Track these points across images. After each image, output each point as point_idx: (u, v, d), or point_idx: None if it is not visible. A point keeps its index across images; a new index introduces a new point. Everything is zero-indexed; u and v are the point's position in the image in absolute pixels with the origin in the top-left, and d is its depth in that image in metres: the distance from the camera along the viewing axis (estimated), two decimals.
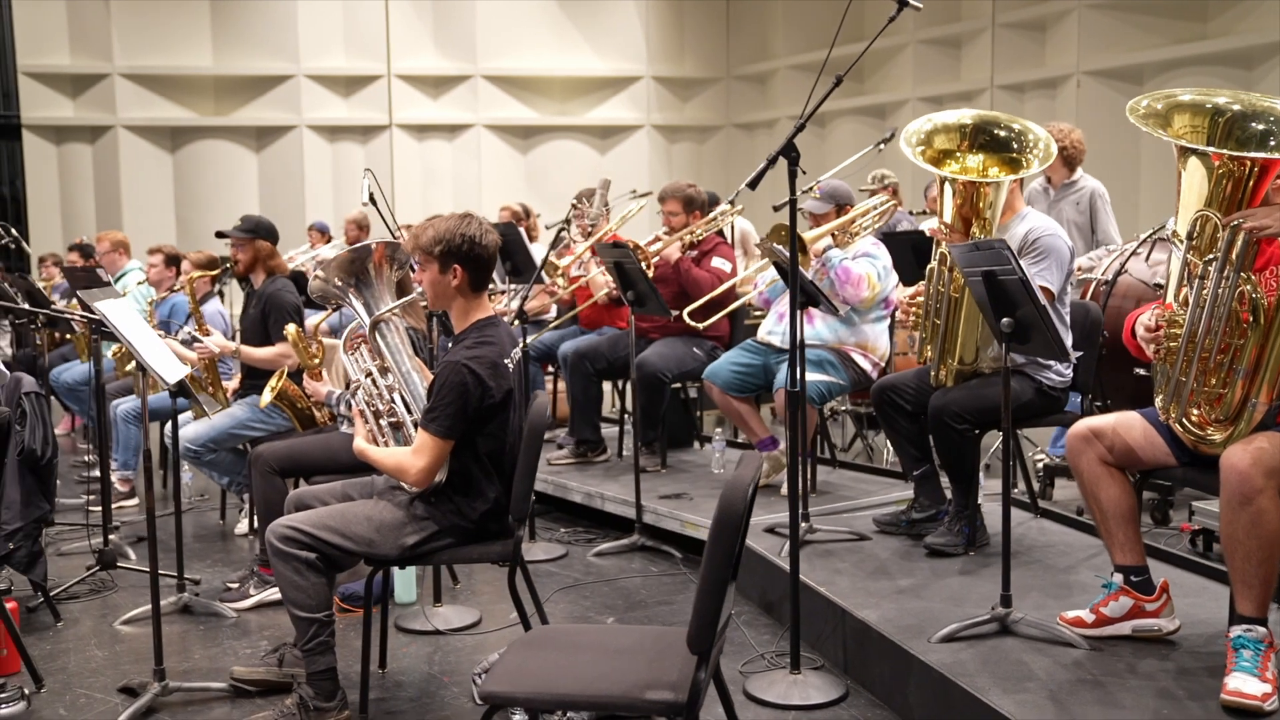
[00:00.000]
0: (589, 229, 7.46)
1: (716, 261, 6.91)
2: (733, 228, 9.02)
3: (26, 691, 3.87)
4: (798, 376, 4.29)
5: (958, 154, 5.01)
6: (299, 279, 8.57)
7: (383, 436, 4.35)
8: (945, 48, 13.59)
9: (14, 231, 11.73)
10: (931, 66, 13.66)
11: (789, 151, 4.23)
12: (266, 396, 5.76)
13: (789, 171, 4.26)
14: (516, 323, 6.04)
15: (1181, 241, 3.68)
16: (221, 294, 7.40)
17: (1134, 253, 6.35)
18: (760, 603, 5.28)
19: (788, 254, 5.33)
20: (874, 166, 9.03)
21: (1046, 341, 4.03)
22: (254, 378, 6.35)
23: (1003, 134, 4.99)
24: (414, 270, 5.38)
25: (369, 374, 4.38)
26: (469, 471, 4.12)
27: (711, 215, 7.11)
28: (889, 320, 6.39)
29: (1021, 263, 3.99)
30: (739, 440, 7.65)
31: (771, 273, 6.58)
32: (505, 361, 4.13)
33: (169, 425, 6.64)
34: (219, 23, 15.14)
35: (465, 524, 4.13)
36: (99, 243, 9.30)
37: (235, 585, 5.61)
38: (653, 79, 15.88)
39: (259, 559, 5.49)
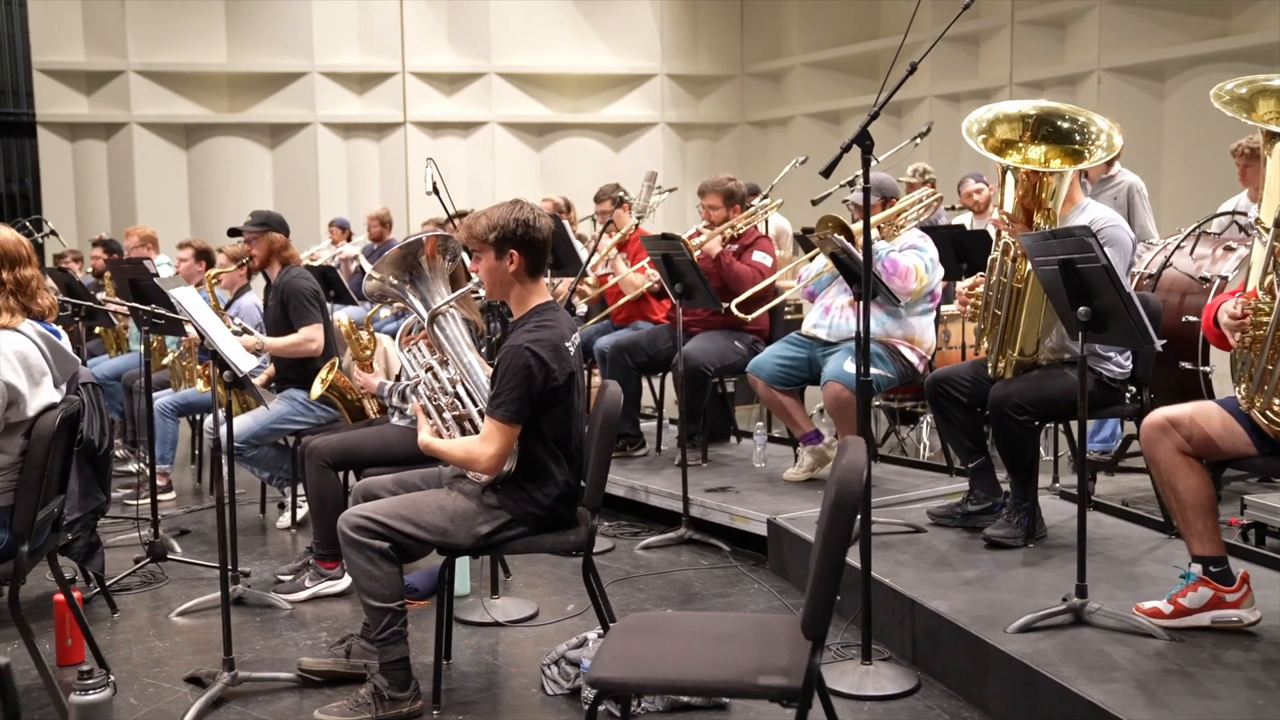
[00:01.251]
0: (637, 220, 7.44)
1: (758, 255, 6.90)
2: (766, 224, 8.99)
3: (112, 678, 3.85)
4: (863, 366, 4.28)
5: (1019, 144, 5.00)
6: (328, 274, 8.58)
7: (447, 430, 4.33)
8: (963, 45, 13.57)
9: (49, 225, 11.71)
10: (949, 64, 13.63)
11: (863, 140, 4.21)
12: (317, 388, 5.75)
13: (863, 160, 4.25)
14: None
15: (1268, 229, 3.67)
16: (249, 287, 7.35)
17: (1178, 246, 6.34)
18: None
19: (848, 244, 5.33)
20: (908, 160, 9.02)
21: (1128, 329, 4.00)
22: (287, 371, 6.33)
23: (1066, 125, 4.97)
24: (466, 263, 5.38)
25: (429, 368, 4.36)
26: (536, 457, 4.11)
27: (752, 209, 7.10)
28: (934, 313, 6.37)
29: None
30: (778, 435, 7.64)
31: (815, 266, 6.58)
32: (566, 345, 4.12)
33: (209, 419, 6.67)
34: (233, 20, 15.09)
35: (537, 511, 4.12)
36: (127, 238, 9.28)
37: (289, 577, 5.59)
38: (667, 76, 15.86)
39: (316, 552, 5.47)
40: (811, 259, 6.68)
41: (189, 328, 5.61)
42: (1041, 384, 4.95)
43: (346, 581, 5.48)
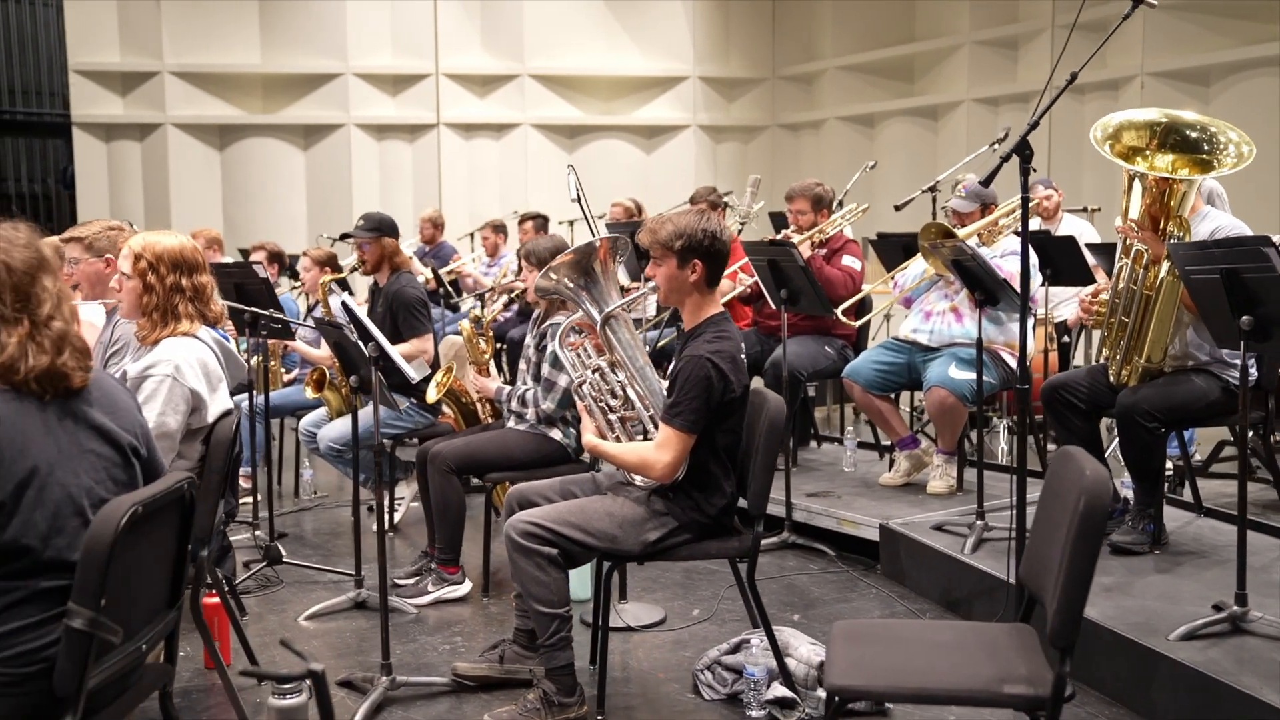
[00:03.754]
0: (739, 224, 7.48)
1: (847, 260, 6.93)
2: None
3: (309, 682, 3.86)
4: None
5: (1146, 151, 5.03)
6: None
7: (611, 432, 4.36)
8: (1001, 49, 13.61)
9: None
10: (987, 67, 13.68)
11: (1022, 150, 4.24)
12: (433, 392, 5.76)
13: (1020, 169, 4.27)
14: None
15: None
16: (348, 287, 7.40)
17: None
18: (943, 600, 5.30)
19: (977, 251, 5.37)
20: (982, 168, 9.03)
21: None
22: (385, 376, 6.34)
23: (1194, 135, 5.01)
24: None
25: (597, 369, 4.39)
26: (706, 467, 4.15)
27: (840, 214, 7.13)
28: (1033, 319, 6.41)
29: None
30: (866, 440, 7.66)
31: (913, 272, 6.60)
32: (741, 356, 4.16)
33: (303, 421, 6.69)
34: (267, 21, 15.07)
35: (703, 519, 4.16)
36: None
37: (408, 581, 5.60)
38: (699, 79, 15.87)
39: (438, 557, 5.49)
40: (906, 266, 6.72)
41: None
42: (1170, 391, 4.98)
43: (468, 586, 5.52)
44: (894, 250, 7.96)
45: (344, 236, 6.40)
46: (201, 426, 3.94)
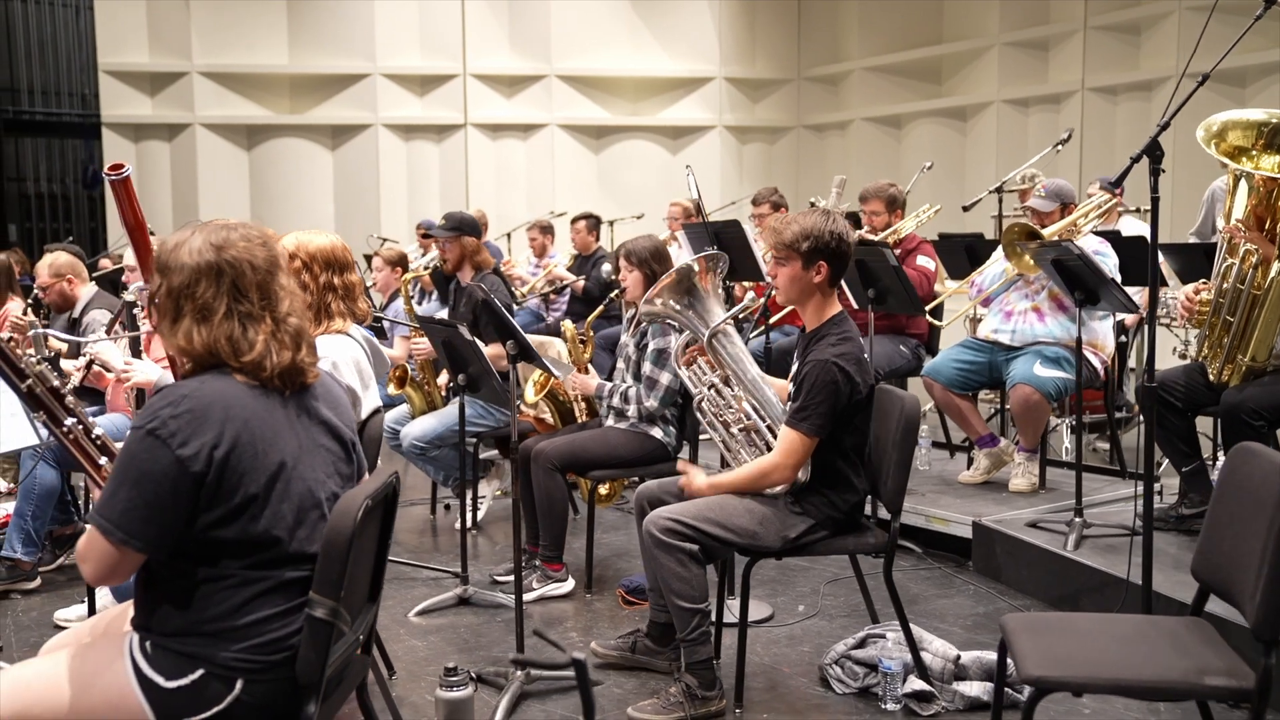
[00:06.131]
0: None
1: (921, 260, 6.98)
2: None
3: (475, 675, 3.91)
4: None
5: (1252, 151, 5.08)
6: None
7: (734, 442, 4.41)
8: (1032, 50, 13.67)
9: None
10: (1017, 68, 13.74)
11: (1153, 150, 4.27)
12: (531, 392, 5.80)
13: (1150, 170, 4.31)
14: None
15: None
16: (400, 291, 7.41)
17: None
18: (1047, 598, 5.34)
19: (1075, 252, 5.41)
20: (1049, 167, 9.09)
21: None
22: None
23: None
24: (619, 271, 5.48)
25: (711, 385, 4.44)
26: (835, 467, 4.19)
27: (914, 215, 7.18)
28: (1112, 318, 6.46)
29: None
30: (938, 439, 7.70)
31: (993, 273, 6.64)
32: (864, 355, 4.20)
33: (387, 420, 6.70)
34: (295, 22, 15.09)
35: (838, 515, 4.21)
36: None
37: (508, 579, 5.63)
38: (724, 80, 15.92)
39: (543, 554, 5.52)
40: (983, 269, 6.76)
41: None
42: (1276, 390, 5.03)
43: (570, 584, 5.56)
44: (956, 250, 8.01)
45: (427, 234, 6.42)
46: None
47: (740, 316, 7.45)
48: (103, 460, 2.84)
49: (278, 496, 2.57)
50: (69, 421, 2.79)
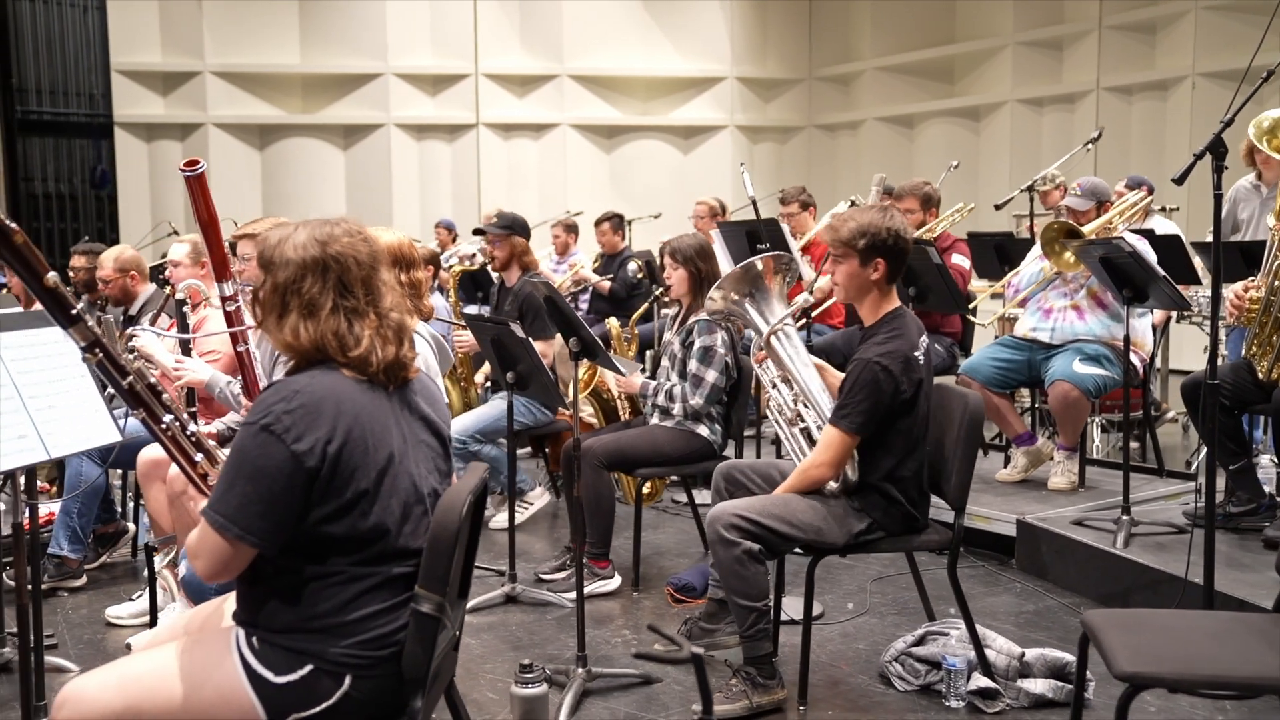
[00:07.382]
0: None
1: (956, 259, 6.98)
2: None
3: (549, 670, 3.91)
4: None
5: None
6: (477, 278, 8.61)
7: (792, 443, 4.43)
8: (1046, 49, 13.70)
9: (173, 226, 11.67)
10: (1031, 68, 13.77)
11: (1216, 148, 4.27)
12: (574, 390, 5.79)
13: (1214, 167, 4.30)
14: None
15: None
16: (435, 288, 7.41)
17: None
18: (1097, 595, 5.33)
19: (1126, 250, 5.41)
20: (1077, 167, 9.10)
21: None
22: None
23: None
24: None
25: (773, 383, 4.46)
26: (887, 464, 4.19)
27: (948, 213, 7.19)
28: (1150, 316, 6.46)
29: None
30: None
31: (1027, 273, 6.64)
32: (915, 355, 4.20)
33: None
34: (307, 21, 15.11)
35: (898, 513, 4.21)
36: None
37: (554, 576, 5.64)
38: (736, 79, 15.94)
39: (590, 551, 5.52)
40: (1019, 270, 6.76)
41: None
42: None
43: (617, 581, 5.55)
44: (985, 249, 8.01)
45: (479, 231, 6.41)
46: None
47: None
48: (198, 457, 2.83)
49: (386, 491, 2.57)
50: (167, 419, 2.78)
